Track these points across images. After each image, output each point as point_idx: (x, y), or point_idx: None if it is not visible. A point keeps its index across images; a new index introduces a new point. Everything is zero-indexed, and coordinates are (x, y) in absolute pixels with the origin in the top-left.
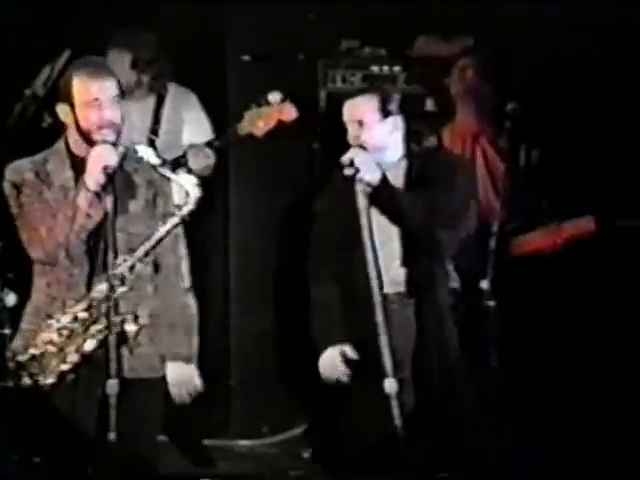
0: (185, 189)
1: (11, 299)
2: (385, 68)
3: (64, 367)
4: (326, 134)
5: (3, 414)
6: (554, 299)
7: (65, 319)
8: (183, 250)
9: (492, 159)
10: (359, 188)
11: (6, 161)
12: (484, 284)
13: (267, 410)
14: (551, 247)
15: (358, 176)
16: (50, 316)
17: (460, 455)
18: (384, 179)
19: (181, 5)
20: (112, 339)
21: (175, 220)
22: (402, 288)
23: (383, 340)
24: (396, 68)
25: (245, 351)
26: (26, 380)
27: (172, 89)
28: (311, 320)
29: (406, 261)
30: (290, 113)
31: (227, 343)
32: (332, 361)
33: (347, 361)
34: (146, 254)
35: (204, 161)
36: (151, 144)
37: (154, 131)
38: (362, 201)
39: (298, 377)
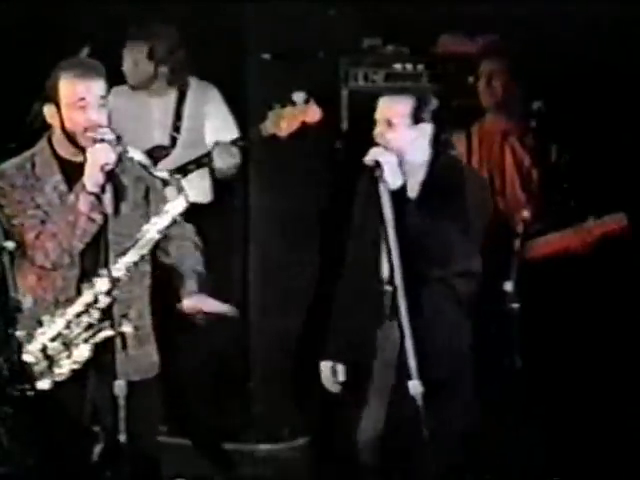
0: (176, 189)
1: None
2: (408, 66)
3: (60, 373)
4: (350, 133)
5: (23, 419)
6: (579, 301)
7: (58, 325)
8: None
9: (521, 158)
10: (382, 188)
11: None
12: (507, 286)
13: (287, 413)
14: (581, 246)
15: (383, 176)
16: (41, 323)
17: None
18: (403, 187)
19: (200, 3)
20: (117, 341)
21: (167, 221)
22: None
23: (408, 342)
24: (419, 66)
25: (265, 353)
26: (20, 387)
27: (194, 84)
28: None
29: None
30: (314, 114)
31: (246, 345)
32: (326, 373)
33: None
34: (142, 257)
35: (230, 160)
36: (173, 141)
37: (176, 128)
38: (385, 201)
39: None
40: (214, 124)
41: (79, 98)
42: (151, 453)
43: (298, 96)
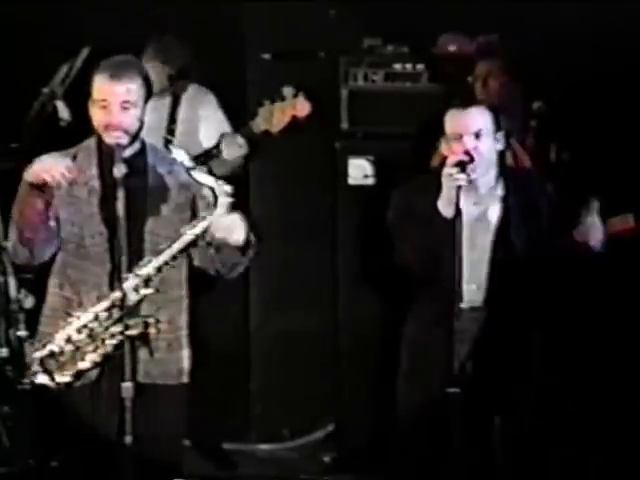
0: (215, 194)
1: (29, 301)
2: (408, 66)
3: (82, 366)
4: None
5: (21, 416)
6: (586, 303)
7: (86, 318)
8: None
9: (521, 159)
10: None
11: (23, 160)
12: None
13: (287, 414)
14: (585, 249)
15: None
16: (69, 314)
17: None
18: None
19: (201, 3)
20: (128, 342)
21: (204, 224)
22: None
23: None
24: (419, 66)
25: (265, 355)
26: (42, 377)
27: (189, 88)
28: None
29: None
30: (303, 108)
31: (247, 347)
32: None
33: None
34: (174, 257)
35: (237, 151)
36: (167, 144)
37: (170, 131)
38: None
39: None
40: (209, 127)
41: (101, 99)
42: (171, 457)
43: (287, 91)
